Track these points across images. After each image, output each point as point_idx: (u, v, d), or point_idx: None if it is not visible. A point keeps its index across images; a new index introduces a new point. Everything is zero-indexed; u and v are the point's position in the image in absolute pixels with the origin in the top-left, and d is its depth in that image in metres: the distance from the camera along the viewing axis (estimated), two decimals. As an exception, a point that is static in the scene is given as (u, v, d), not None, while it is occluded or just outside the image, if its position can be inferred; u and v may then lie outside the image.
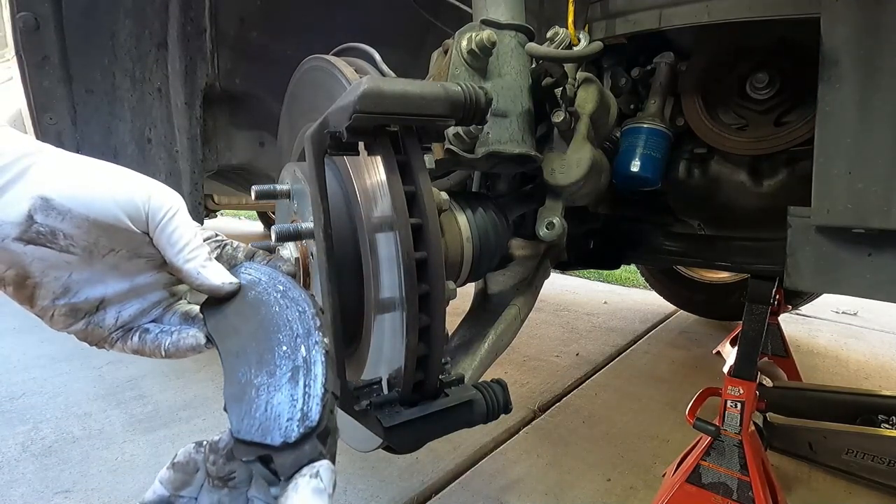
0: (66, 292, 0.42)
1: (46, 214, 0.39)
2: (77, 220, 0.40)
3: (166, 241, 0.43)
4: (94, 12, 1.01)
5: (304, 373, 0.35)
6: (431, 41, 1.31)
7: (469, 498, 1.35)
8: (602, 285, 3.98)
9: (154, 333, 0.46)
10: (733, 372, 1.18)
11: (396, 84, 0.44)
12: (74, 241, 0.41)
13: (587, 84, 0.83)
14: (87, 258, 0.42)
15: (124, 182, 0.42)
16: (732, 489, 1.13)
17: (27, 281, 0.41)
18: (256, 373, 0.37)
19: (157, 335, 0.46)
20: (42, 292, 0.41)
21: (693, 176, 1.10)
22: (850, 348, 2.60)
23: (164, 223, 0.43)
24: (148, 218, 0.42)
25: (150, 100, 1.11)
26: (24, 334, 2.42)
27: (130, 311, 0.46)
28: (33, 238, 0.39)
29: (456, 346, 0.82)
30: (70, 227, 0.40)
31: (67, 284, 0.42)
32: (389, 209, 0.46)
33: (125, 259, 0.44)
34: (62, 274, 0.41)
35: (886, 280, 0.71)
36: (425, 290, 0.46)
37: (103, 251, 0.43)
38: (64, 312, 0.43)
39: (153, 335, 0.46)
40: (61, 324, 0.43)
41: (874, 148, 0.67)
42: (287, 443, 0.31)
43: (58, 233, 0.40)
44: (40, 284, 0.41)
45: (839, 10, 0.67)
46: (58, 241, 0.40)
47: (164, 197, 0.43)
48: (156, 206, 0.42)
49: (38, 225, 0.39)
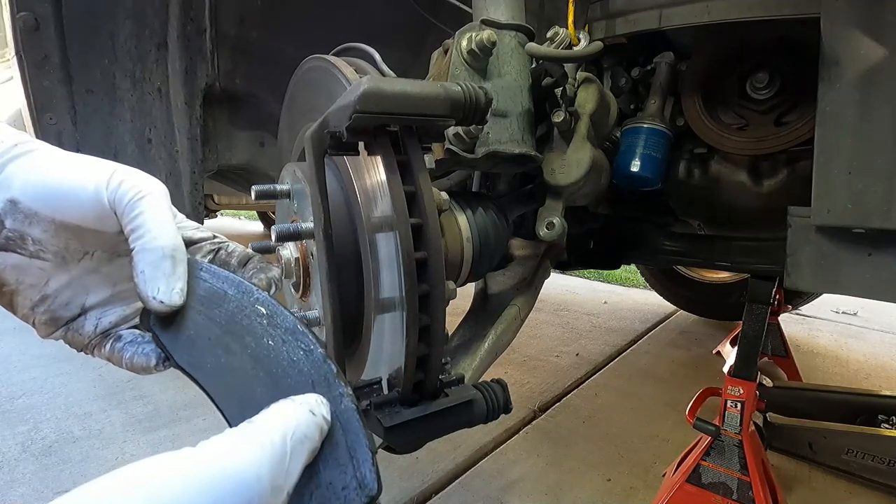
0: (44, 300, 0.40)
1: (14, 218, 0.36)
2: (43, 223, 0.37)
3: (128, 230, 0.37)
4: (94, 12, 1.01)
5: (343, 432, 0.31)
6: (431, 41, 1.31)
7: (469, 498, 1.35)
8: (602, 285, 3.98)
9: (123, 343, 0.43)
10: (733, 372, 1.18)
11: (396, 84, 0.44)
12: (44, 246, 0.38)
13: (587, 84, 0.83)
14: (61, 263, 0.39)
15: (94, 173, 0.37)
16: (732, 489, 1.13)
17: (3, 288, 0.38)
18: None
19: (124, 346, 0.42)
20: (19, 300, 0.39)
21: (693, 176, 1.10)
22: (850, 348, 2.60)
23: (127, 208, 0.37)
24: (115, 210, 0.37)
25: (150, 100, 1.11)
26: (24, 334, 2.42)
27: (111, 319, 0.43)
28: (3, 244, 0.36)
29: (456, 346, 0.82)
30: (38, 231, 0.37)
31: (44, 292, 0.39)
32: (389, 209, 0.46)
33: (105, 261, 0.41)
34: (38, 281, 0.39)
35: (886, 280, 0.71)
36: (425, 290, 0.46)
37: (76, 255, 0.39)
38: (44, 321, 0.40)
39: (121, 345, 0.42)
40: (43, 332, 0.41)
41: (874, 148, 0.67)
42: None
43: (27, 237, 0.37)
44: (17, 292, 0.39)
45: (839, 10, 0.67)
46: (27, 247, 0.37)
47: (133, 182, 0.37)
48: (122, 194, 0.37)
49: (7, 230, 0.36)
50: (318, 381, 0.33)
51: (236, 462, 0.25)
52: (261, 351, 0.35)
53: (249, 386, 0.34)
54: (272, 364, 0.34)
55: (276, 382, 0.34)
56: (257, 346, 0.35)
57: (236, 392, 0.34)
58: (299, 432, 0.28)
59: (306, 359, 0.34)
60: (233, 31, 1.17)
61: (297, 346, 0.35)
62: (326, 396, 0.32)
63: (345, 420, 0.31)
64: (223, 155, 1.29)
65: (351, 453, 0.30)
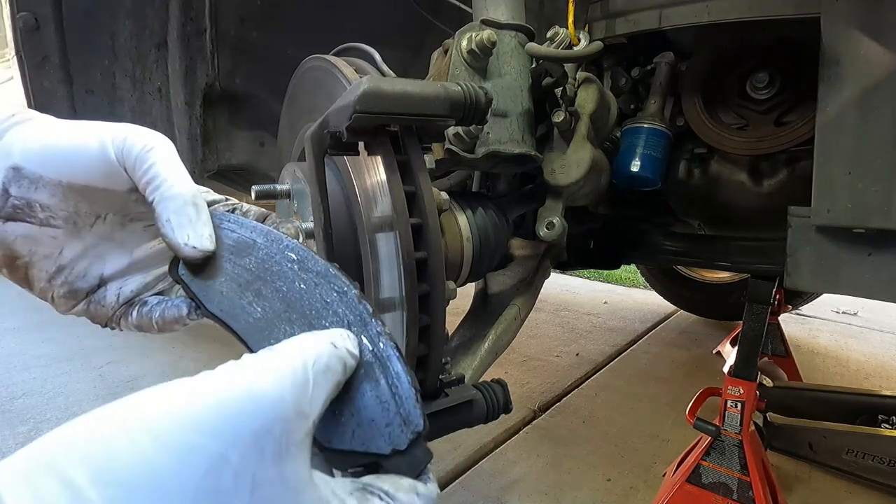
0: (60, 271, 0.38)
1: (19, 185, 0.35)
2: (50, 187, 0.35)
3: (143, 183, 0.36)
4: (94, 12, 1.01)
5: (382, 371, 0.30)
6: (431, 41, 1.31)
7: (469, 498, 1.35)
8: (602, 285, 3.98)
9: (150, 306, 0.42)
10: (733, 372, 1.18)
11: (396, 84, 0.44)
12: (53, 212, 0.36)
13: (587, 84, 0.83)
14: (73, 230, 0.38)
15: (96, 132, 0.36)
16: (732, 489, 1.13)
17: (17, 262, 0.37)
18: None
19: (152, 307, 0.41)
20: (35, 272, 0.38)
21: (693, 176, 1.10)
22: (850, 348, 2.60)
23: (138, 161, 0.35)
24: (125, 165, 0.36)
25: (150, 100, 1.11)
26: (25, 334, 2.42)
27: (132, 287, 0.41)
28: (11, 214, 0.35)
29: (456, 346, 0.82)
30: (45, 196, 0.35)
31: (60, 263, 0.38)
32: (389, 209, 0.46)
33: (118, 226, 0.40)
34: (52, 251, 0.37)
35: (886, 280, 0.71)
36: (425, 290, 0.46)
37: (89, 220, 0.38)
38: (63, 294, 0.39)
39: (149, 308, 0.42)
40: (63, 306, 0.40)
41: (874, 148, 0.67)
42: (398, 450, 0.29)
43: (34, 204, 0.35)
44: (31, 264, 0.37)
45: (839, 10, 0.67)
46: (36, 214, 0.36)
47: (139, 136, 0.36)
48: (129, 147, 0.35)
49: (14, 198, 0.35)
50: (353, 321, 0.32)
51: (257, 383, 0.24)
52: (293, 295, 0.34)
53: (283, 330, 0.33)
54: (306, 307, 0.34)
55: (311, 324, 0.33)
56: (289, 291, 0.35)
57: (270, 337, 0.34)
58: (321, 362, 0.27)
59: (340, 300, 0.33)
60: (233, 31, 1.17)
61: (329, 288, 0.34)
62: (364, 335, 0.31)
63: (384, 358, 0.31)
64: (223, 155, 1.29)
65: (392, 391, 0.29)
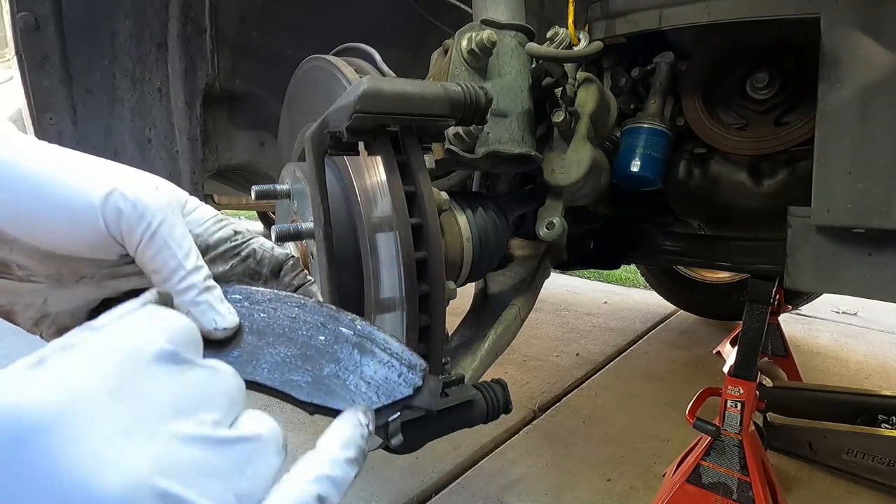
0: (45, 317, 0.36)
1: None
2: (26, 251, 0.32)
3: (149, 268, 0.33)
4: (94, 12, 1.00)
5: (372, 343, 0.34)
6: (431, 41, 1.31)
7: (469, 498, 1.35)
8: (602, 285, 3.98)
9: None
10: (733, 372, 1.18)
11: (396, 84, 0.44)
12: (33, 272, 0.33)
13: (587, 84, 0.83)
14: (55, 284, 0.35)
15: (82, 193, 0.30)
16: (732, 489, 1.13)
17: None
18: (314, 370, 0.33)
19: None
20: (19, 319, 0.36)
21: (693, 176, 1.10)
22: (850, 348, 2.60)
23: (140, 251, 0.32)
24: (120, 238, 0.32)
25: (150, 100, 1.11)
26: (25, 334, 2.40)
27: None
28: None
29: (456, 346, 0.82)
30: (21, 258, 0.32)
31: (44, 311, 0.36)
32: (389, 209, 0.46)
33: (107, 277, 0.36)
34: (34, 301, 0.35)
35: (886, 280, 0.71)
36: (425, 290, 0.46)
37: (73, 278, 0.35)
38: (52, 333, 0.37)
39: None
40: (54, 339, 0.38)
41: (874, 148, 0.67)
42: (418, 387, 0.34)
43: (10, 264, 0.33)
44: (14, 312, 0.35)
45: (839, 10, 0.67)
46: (13, 272, 0.33)
47: (135, 210, 0.31)
48: (127, 229, 0.31)
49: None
50: (324, 322, 0.35)
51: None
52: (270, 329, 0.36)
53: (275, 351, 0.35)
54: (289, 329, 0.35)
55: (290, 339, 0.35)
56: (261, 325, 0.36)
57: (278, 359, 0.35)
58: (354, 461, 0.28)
59: (303, 312, 0.36)
60: (233, 31, 1.17)
61: (291, 306, 0.36)
62: (341, 325, 0.35)
63: (367, 334, 0.35)
64: (223, 155, 1.28)
65: (389, 353, 0.34)
